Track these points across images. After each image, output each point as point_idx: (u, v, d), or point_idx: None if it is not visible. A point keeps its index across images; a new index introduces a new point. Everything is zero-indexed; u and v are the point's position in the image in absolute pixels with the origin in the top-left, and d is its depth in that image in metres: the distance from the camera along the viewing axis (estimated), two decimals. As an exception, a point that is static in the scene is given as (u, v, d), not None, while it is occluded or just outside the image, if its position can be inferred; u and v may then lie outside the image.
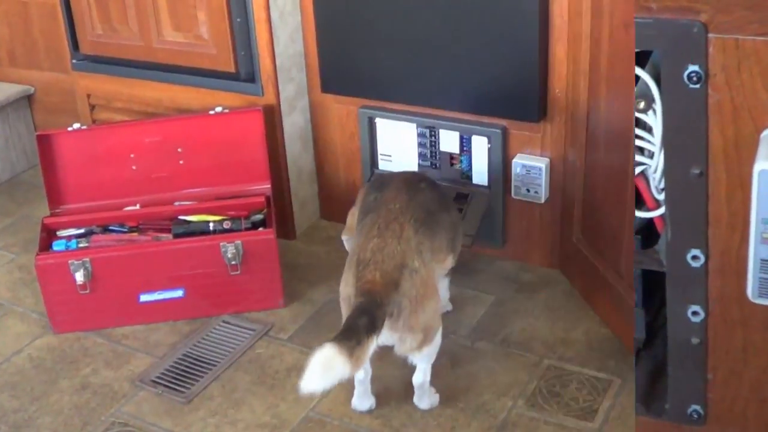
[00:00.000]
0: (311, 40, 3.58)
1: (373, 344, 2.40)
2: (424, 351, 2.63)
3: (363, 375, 2.75)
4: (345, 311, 2.61)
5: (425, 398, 2.81)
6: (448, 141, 3.46)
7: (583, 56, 2.96)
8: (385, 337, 2.50)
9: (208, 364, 3.09)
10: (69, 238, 3.38)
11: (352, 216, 3.09)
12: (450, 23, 3.22)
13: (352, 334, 2.34)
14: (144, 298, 3.27)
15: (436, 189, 2.95)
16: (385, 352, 2.60)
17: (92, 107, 4.03)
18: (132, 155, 3.54)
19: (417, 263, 2.57)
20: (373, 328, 2.38)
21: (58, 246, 3.34)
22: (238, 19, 3.45)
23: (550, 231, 3.43)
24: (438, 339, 2.68)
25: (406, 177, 2.93)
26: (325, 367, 2.27)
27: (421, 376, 2.76)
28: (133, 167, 3.54)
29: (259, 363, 3.08)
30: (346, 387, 2.74)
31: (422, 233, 2.65)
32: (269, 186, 3.51)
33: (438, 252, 2.74)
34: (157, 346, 3.20)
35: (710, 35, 1.85)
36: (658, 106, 2.04)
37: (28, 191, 4.41)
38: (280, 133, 3.61)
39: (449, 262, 2.90)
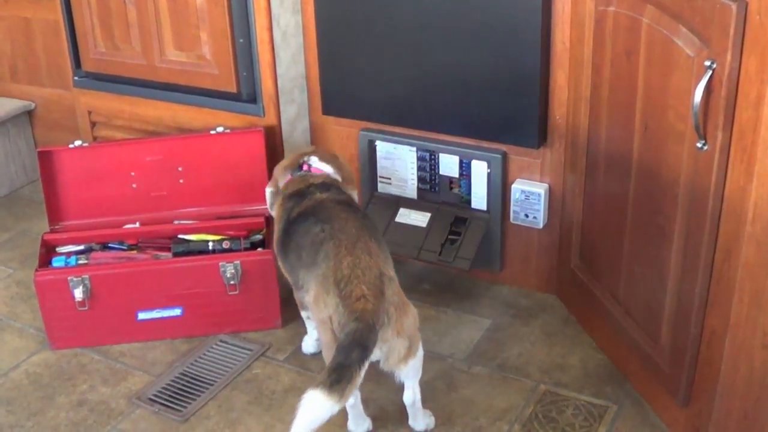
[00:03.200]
0: (313, 63, 3.60)
1: (365, 369, 2.39)
2: (410, 363, 2.62)
3: (353, 400, 2.74)
4: (324, 333, 2.59)
5: (420, 418, 2.82)
6: (448, 165, 3.47)
7: (585, 83, 2.98)
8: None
9: (205, 383, 3.10)
10: (68, 254, 3.40)
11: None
12: (452, 48, 3.24)
13: (343, 374, 2.33)
14: (142, 316, 3.28)
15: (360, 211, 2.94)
16: (381, 375, 2.61)
17: (93, 124, 4.04)
18: (132, 173, 3.55)
19: (391, 272, 2.62)
20: (366, 355, 2.38)
21: (57, 262, 3.35)
22: (241, 40, 3.48)
23: (548, 256, 3.45)
24: (421, 352, 2.67)
25: (339, 206, 2.85)
26: (314, 415, 2.31)
27: (411, 395, 2.76)
28: (134, 185, 3.56)
29: (256, 383, 3.09)
30: (342, 410, 2.74)
31: (381, 249, 2.70)
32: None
33: (391, 267, 2.73)
34: (154, 364, 3.21)
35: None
36: None
37: (27, 206, 4.43)
38: (281, 154, 3.62)
39: None
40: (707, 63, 2.22)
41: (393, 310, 2.52)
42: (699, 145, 2.31)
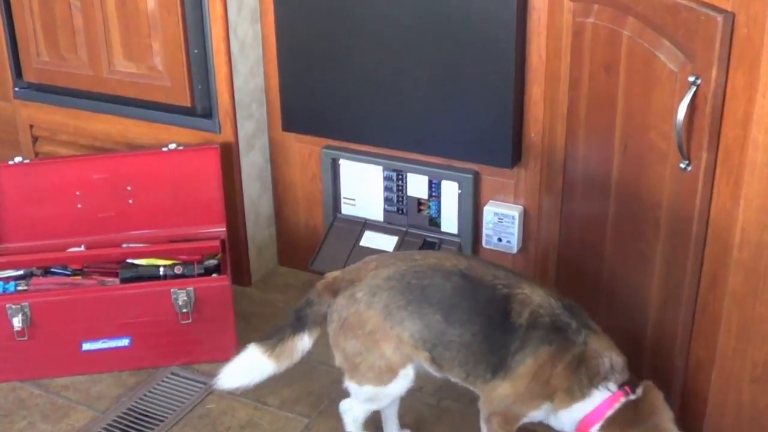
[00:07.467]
0: (273, 75, 3.60)
1: (300, 340, 2.65)
2: (347, 383, 2.68)
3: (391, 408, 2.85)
4: None
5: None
6: (416, 185, 3.48)
7: (562, 99, 2.99)
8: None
9: (155, 419, 3.07)
10: (7, 280, 3.36)
11: None
12: (421, 60, 3.24)
13: (277, 333, 2.67)
14: (87, 346, 3.25)
15: (470, 298, 2.53)
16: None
17: (35, 139, 4.02)
18: (78, 192, 3.52)
19: (360, 295, 2.57)
20: (301, 325, 2.65)
21: (-6, 288, 3.32)
22: (196, 50, 3.46)
23: (523, 283, 3.44)
24: (363, 392, 2.64)
25: (462, 263, 2.61)
26: (246, 366, 2.67)
27: (346, 404, 2.79)
28: (79, 205, 3.53)
29: (210, 419, 3.06)
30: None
31: (398, 299, 2.54)
32: (224, 229, 3.51)
33: (401, 327, 2.54)
34: (99, 399, 3.17)
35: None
36: None
37: (-37, 228, 4.38)
38: (238, 172, 3.62)
39: (421, 355, 2.59)
40: (691, 79, 2.23)
41: (335, 317, 2.61)
42: (682, 165, 2.32)
